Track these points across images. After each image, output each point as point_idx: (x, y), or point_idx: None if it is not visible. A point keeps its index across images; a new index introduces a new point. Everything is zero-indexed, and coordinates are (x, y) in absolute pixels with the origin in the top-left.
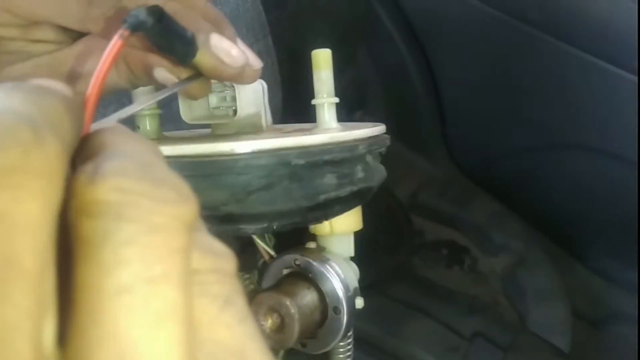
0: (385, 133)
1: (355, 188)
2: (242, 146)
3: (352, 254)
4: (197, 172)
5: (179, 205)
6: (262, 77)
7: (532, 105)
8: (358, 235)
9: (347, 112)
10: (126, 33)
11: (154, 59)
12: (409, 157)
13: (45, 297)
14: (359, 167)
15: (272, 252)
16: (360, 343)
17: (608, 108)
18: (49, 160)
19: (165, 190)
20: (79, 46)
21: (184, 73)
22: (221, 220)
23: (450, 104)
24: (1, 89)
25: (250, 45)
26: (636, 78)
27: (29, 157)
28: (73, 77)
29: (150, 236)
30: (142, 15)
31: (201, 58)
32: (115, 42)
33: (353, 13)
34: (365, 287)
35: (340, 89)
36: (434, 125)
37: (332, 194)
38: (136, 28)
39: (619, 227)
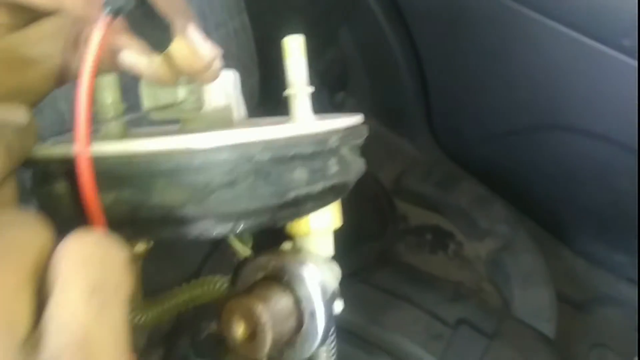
0: (363, 123)
1: (328, 183)
2: (200, 141)
3: (332, 253)
4: (150, 171)
5: None
6: (238, 56)
7: (517, 86)
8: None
9: (329, 94)
10: (108, 19)
11: (121, 40)
12: (393, 140)
13: None
14: (332, 161)
15: (249, 252)
16: (343, 333)
17: (594, 88)
18: None
19: None
20: (40, 27)
21: (155, 58)
22: (179, 222)
23: (434, 85)
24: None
25: (225, 22)
26: (624, 56)
27: None
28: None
29: None
30: None
31: (176, 47)
32: (98, 32)
33: None
34: (348, 275)
35: (321, 70)
36: (418, 108)
37: (303, 190)
38: (118, 12)
39: (605, 209)
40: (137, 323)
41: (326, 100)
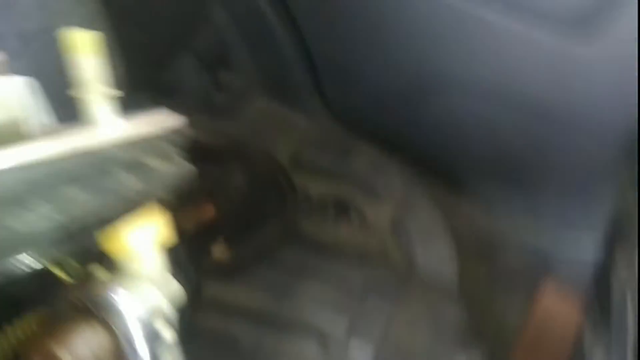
0: (184, 123)
1: (116, 200)
2: None
3: (165, 271)
4: None
5: None
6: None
7: (402, 49)
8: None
9: (211, 75)
10: None
11: None
12: (285, 115)
13: None
14: (124, 175)
15: (73, 281)
16: (253, 318)
17: (476, 50)
18: None
19: None
20: None
21: None
22: None
23: (318, 54)
24: None
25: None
26: (503, 19)
27: None
28: None
29: None
30: None
31: None
32: None
33: None
34: (253, 257)
35: (198, 50)
36: (306, 79)
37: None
38: None
39: (494, 158)
40: None
41: (209, 82)
